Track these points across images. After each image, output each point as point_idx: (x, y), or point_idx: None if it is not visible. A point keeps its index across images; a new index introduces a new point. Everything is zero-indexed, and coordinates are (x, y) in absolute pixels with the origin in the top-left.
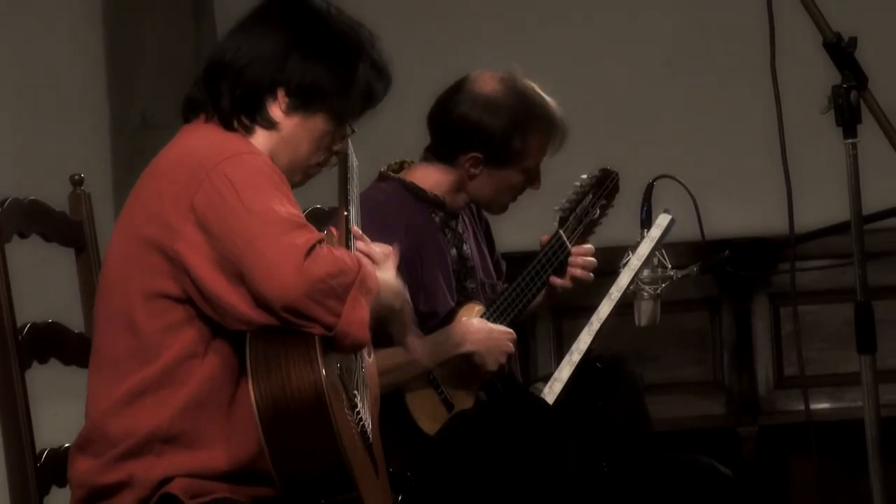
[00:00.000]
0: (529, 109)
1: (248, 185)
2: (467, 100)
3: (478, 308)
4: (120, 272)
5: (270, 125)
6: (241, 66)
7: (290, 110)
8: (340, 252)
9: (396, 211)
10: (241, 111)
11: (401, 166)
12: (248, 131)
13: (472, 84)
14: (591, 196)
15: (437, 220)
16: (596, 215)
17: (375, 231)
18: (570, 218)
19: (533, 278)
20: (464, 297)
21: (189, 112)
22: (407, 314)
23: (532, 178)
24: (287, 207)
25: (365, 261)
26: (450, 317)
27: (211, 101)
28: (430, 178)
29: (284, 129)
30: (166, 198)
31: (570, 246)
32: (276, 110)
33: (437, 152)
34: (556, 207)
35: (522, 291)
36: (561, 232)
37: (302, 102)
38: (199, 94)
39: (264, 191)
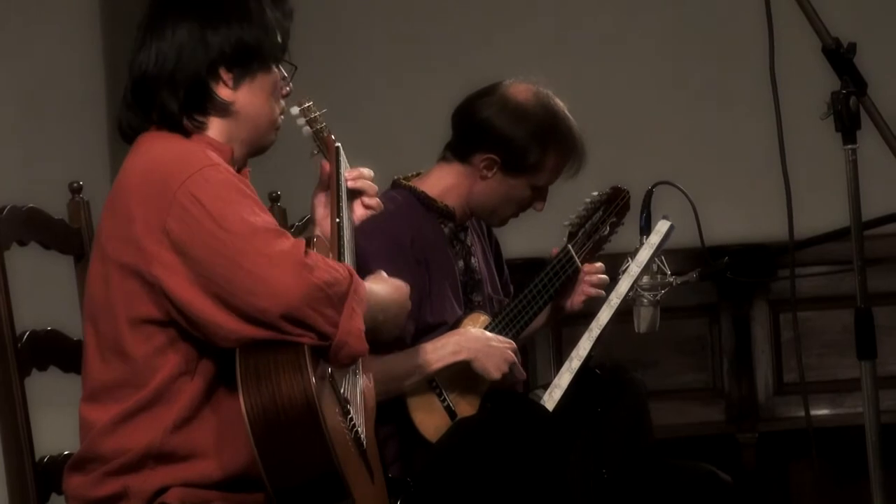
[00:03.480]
0: (554, 127)
1: (217, 201)
2: (497, 103)
3: (483, 318)
4: (104, 299)
5: (225, 109)
6: (171, 69)
7: (236, 82)
8: (331, 261)
9: (403, 221)
10: (192, 110)
11: (416, 175)
12: (203, 127)
13: (505, 89)
14: (600, 213)
15: (445, 230)
16: (605, 233)
17: (380, 241)
18: (580, 233)
19: (540, 291)
20: (470, 309)
21: (128, 135)
22: (390, 324)
23: (537, 197)
24: (261, 216)
25: (354, 270)
26: (454, 325)
27: (157, 114)
28: (442, 181)
29: (238, 104)
30: (137, 220)
31: (578, 262)
32: (224, 91)
33: (456, 149)
34: (566, 222)
35: (528, 304)
36: (570, 247)
37: (243, 68)
38: (134, 116)
39: (234, 203)
